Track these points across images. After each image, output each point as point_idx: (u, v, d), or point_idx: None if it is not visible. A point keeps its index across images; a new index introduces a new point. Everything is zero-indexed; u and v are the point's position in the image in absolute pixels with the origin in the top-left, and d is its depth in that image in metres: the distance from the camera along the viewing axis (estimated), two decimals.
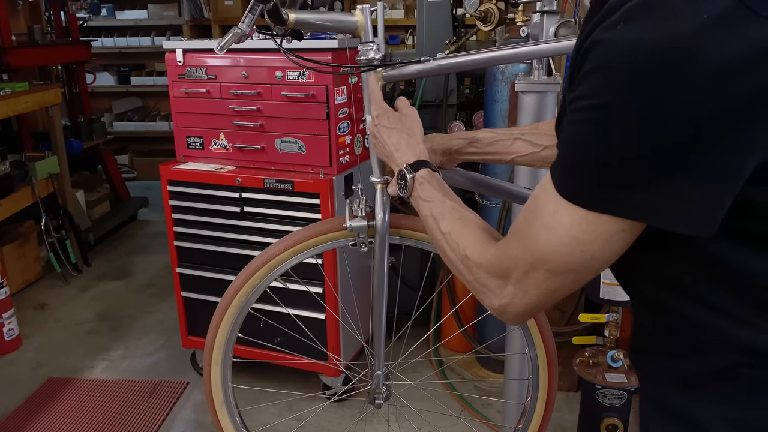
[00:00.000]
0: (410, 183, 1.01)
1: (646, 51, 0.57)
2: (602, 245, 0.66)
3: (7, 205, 3.30)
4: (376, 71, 1.24)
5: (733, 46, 0.55)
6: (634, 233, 0.66)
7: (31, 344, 3.05)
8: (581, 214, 0.65)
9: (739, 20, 0.55)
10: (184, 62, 2.38)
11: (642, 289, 0.78)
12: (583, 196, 0.65)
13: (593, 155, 0.63)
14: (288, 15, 1.18)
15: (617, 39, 0.59)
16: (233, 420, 1.47)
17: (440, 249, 0.91)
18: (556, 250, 0.68)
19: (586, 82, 0.62)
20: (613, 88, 0.60)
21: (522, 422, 1.50)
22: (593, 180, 0.64)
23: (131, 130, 6.03)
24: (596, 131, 0.62)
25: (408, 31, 5.10)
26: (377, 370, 1.41)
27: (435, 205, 0.95)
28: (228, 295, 1.37)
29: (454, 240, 0.87)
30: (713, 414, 0.70)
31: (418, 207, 0.99)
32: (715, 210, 0.60)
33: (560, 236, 0.67)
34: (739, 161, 0.58)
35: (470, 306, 2.73)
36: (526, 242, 0.72)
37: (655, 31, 0.57)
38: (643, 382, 0.83)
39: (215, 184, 2.38)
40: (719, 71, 0.55)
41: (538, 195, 0.72)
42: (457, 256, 0.85)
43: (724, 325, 0.68)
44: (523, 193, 1.39)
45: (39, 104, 3.54)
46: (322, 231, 1.34)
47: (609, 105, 0.60)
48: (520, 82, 1.70)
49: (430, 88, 2.80)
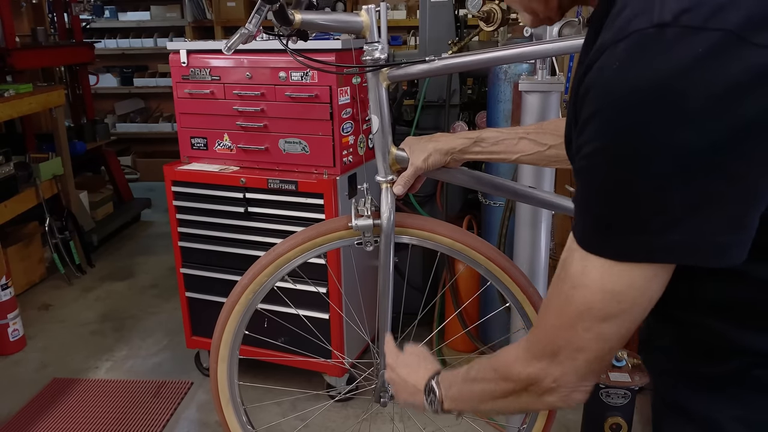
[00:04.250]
0: (438, 394, 0.96)
1: (644, 92, 0.57)
2: (639, 293, 0.64)
3: (12, 207, 3.30)
4: (382, 71, 1.25)
5: (729, 75, 0.55)
6: (669, 273, 0.64)
7: (36, 345, 3.05)
8: (610, 265, 0.63)
9: (733, 50, 0.55)
10: (188, 63, 2.39)
11: (659, 305, 0.78)
12: (607, 246, 0.63)
13: (605, 203, 0.62)
14: (294, 15, 1.18)
15: (612, 81, 0.59)
16: (239, 418, 1.47)
17: (513, 411, 0.87)
18: (591, 308, 0.66)
19: (586, 129, 0.62)
20: (612, 130, 0.59)
21: (527, 422, 1.50)
22: (612, 227, 0.62)
23: (134, 132, 6.04)
24: (604, 178, 0.61)
25: (410, 31, 5.10)
26: (383, 369, 1.41)
27: (466, 395, 0.91)
28: (235, 292, 1.38)
29: (495, 385, 0.83)
30: (727, 414, 0.70)
31: (466, 404, 0.95)
32: (743, 236, 0.60)
33: (593, 293, 0.65)
34: (754, 184, 0.58)
35: (474, 307, 2.73)
36: (560, 306, 0.69)
37: (651, 70, 0.56)
38: (657, 383, 0.83)
39: (219, 184, 2.39)
40: (718, 102, 0.55)
41: (564, 259, 0.69)
42: (507, 389, 0.80)
43: (739, 333, 0.68)
44: (527, 192, 1.39)
45: (43, 106, 3.55)
46: (328, 230, 1.35)
47: (610, 148, 0.60)
48: (523, 81, 1.70)
49: (432, 89, 2.81)
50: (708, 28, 0.55)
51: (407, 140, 1.30)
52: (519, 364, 0.77)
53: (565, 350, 0.70)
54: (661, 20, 0.56)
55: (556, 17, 0.79)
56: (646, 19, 0.57)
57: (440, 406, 0.97)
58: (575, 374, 0.71)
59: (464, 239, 1.36)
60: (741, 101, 0.55)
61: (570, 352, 0.70)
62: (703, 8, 0.56)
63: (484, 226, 2.70)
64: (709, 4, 0.56)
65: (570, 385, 0.73)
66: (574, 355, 0.70)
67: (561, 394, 0.73)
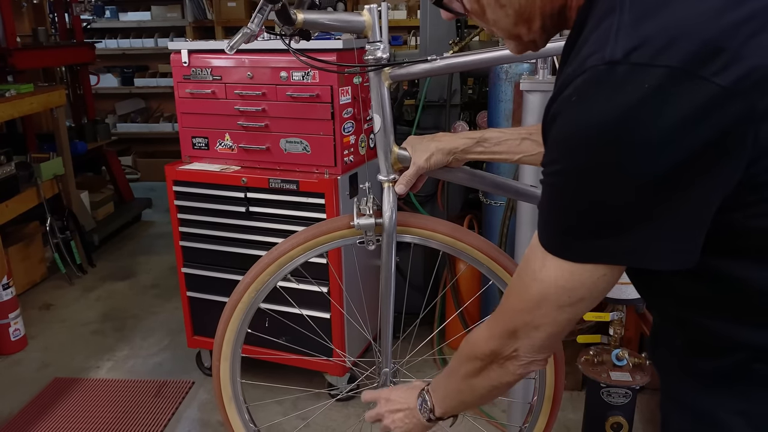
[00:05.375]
0: (429, 402, 1.07)
1: (596, 124, 0.63)
2: (588, 290, 0.73)
3: (13, 206, 3.31)
4: (384, 71, 1.25)
5: (674, 109, 0.60)
6: (616, 275, 0.72)
7: (37, 344, 3.06)
8: (565, 265, 0.72)
9: (678, 84, 0.59)
10: (190, 63, 2.39)
11: (662, 304, 0.82)
12: (564, 249, 0.72)
13: (565, 214, 0.71)
14: (296, 15, 1.19)
15: (572, 112, 0.65)
16: (242, 416, 1.48)
17: (490, 390, 0.95)
18: (546, 299, 0.76)
19: (551, 150, 0.70)
20: (573, 156, 0.66)
21: (528, 421, 1.51)
22: (570, 234, 0.71)
23: (135, 132, 6.05)
24: (564, 194, 0.69)
25: (411, 31, 5.11)
26: (385, 368, 1.42)
27: (450, 389, 1.03)
28: (238, 291, 1.38)
29: (474, 374, 0.94)
30: (729, 408, 0.73)
31: (453, 399, 1.05)
32: (688, 244, 0.66)
33: (549, 286, 0.75)
34: (698, 203, 0.64)
35: (475, 306, 2.74)
36: (520, 294, 0.80)
37: (603, 103, 0.62)
38: (663, 380, 0.86)
39: (220, 184, 2.40)
40: (664, 133, 0.60)
41: (527, 253, 0.79)
42: (477, 367, 0.92)
43: (737, 329, 0.71)
44: (529, 191, 1.40)
45: (44, 106, 3.56)
46: (330, 229, 1.35)
47: (570, 171, 0.67)
48: (525, 81, 1.71)
49: (433, 88, 2.81)
50: (655, 65, 0.60)
51: (409, 139, 1.30)
52: (482, 342, 0.89)
53: (523, 329, 0.82)
54: (612, 58, 0.62)
55: (541, 41, 0.83)
56: (599, 56, 0.63)
57: (432, 414, 1.06)
58: (531, 348, 0.83)
59: (466, 238, 1.37)
60: (687, 132, 0.60)
61: (527, 331, 0.81)
62: (650, 46, 0.61)
63: (485, 226, 2.70)
64: (656, 42, 0.61)
65: (528, 356, 0.85)
66: (530, 333, 0.81)
67: (521, 362, 0.85)
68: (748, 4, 0.61)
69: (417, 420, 1.09)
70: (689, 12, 0.61)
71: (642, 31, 0.61)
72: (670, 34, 0.60)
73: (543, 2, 0.77)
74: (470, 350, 0.93)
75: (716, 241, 0.66)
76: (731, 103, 0.59)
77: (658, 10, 0.62)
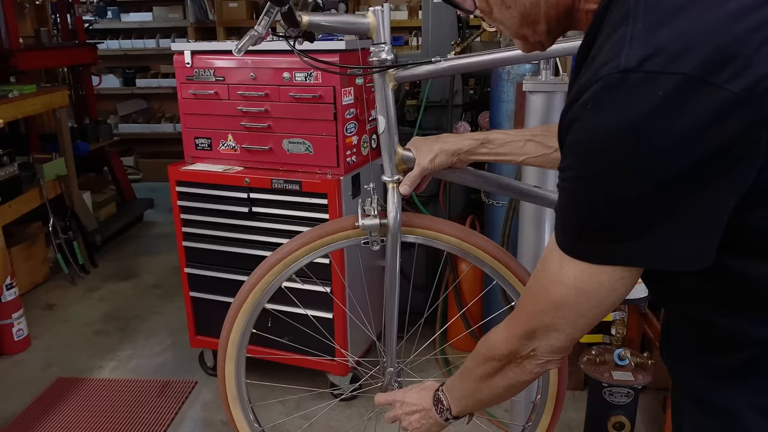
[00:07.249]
0: (446, 402, 1.09)
1: (612, 130, 0.64)
2: (606, 292, 0.74)
3: (16, 207, 3.32)
4: (388, 72, 1.26)
5: (687, 114, 0.61)
6: (634, 277, 0.73)
7: (40, 344, 3.07)
8: (584, 267, 0.73)
9: (691, 91, 0.61)
10: (193, 64, 2.40)
11: (675, 303, 0.83)
12: (582, 252, 0.73)
13: (583, 218, 0.72)
14: (301, 17, 1.20)
15: (588, 119, 0.67)
16: (246, 415, 1.48)
17: (507, 389, 0.96)
18: (566, 301, 0.77)
19: (569, 155, 0.71)
20: (590, 162, 0.68)
21: (532, 419, 1.51)
22: (588, 237, 0.72)
23: (136, 132, 6.05)
24: (582, 198, 0.71)
25: (412, 32, 5.11)
26: (389, 367, 1.43)
27: (467, 389, 1.03)
28: (243, 291, 1.39)
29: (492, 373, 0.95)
30: (742, 403, 0.74)
31: (470, 398, 1.05)
32: (705, 245, 0.67)
33: (568, 288, 0.76)
34: (713, 205, 0.65)
35: (477, 307, 2.74)
36: (539, 296, 0.81)
37: (618, 110, 0.64)
38: (675, 376, 0.88)
39: (223, 184, 2.40)
40: (679, 137, 0.62)
41: (545, 256, 0.80)
42: (495, 367, 0.93)
43: (752, 326, 0.72)
44: (533, 192, 1.40)
45: (46, 106, 3.57)
46: (335, 229, 1.36)
47: (587, 176, 0.69)
48: (527, 82, 1.71)
49: (435, 89, 2.82)
50: (668, 72, 0.61)
51: (413, 140, 1.31)
52: (501, 344, 0.90)
53: (542, 331, 0.83)
54: (627, 66, 0.63)
55: (547, 42, 0.84)
56: (614, 65, 0.64)
57: (450, 413, 1.07)
58: (550, 348, 0.85)
59: (470, 238, 1.37)
60: (700, 137, 0.61)
61: (545, 332, 0.83)
62: (664, 54, 0.62)
63: (487, 226, 2.71)
64: (669, 50, 0.62)
65: (545, 356, 0.86)
66: (548, 334, 0.83)
67: (539, 360, 0.87)
68: (759, 12, 0.62)
69: (433, 420, 1.11)
70: (701, 20, 0.63)
71: (655, 39, 0.63)
72: (684, 42, 0.62)
73: (548, 6, 0.78)
74: (488, 351, 0.94)
75: (729, 241, 0.68)
76: (744, 109, 0.60)
77: (671, 18, 0.64)
